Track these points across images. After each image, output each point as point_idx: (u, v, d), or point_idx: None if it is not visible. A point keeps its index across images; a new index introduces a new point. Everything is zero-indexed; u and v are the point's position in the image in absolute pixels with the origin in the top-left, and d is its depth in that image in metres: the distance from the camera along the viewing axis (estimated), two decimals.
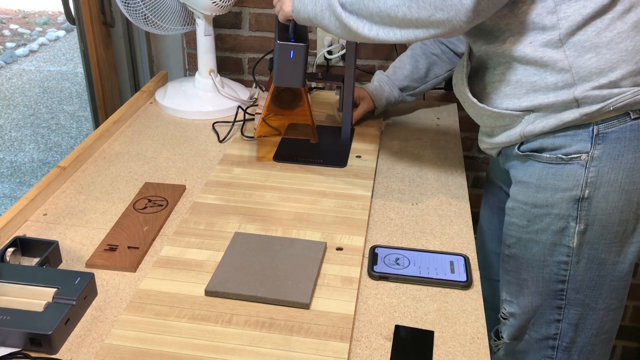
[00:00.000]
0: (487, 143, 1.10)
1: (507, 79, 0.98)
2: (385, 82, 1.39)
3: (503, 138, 1.03)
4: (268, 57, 1.66)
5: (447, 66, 1.37)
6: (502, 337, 1.14)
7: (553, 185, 0.98)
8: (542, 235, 1.02)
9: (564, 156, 0.96)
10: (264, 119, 1.21)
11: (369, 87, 1.38)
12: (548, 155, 0.98)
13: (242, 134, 1.35)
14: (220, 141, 1.34)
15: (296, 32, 1.08)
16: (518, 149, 1.02)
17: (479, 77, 1.04)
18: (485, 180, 1.41)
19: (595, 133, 0.94)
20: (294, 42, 1.06)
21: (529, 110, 0.97)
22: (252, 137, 1.34)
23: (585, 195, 0.96)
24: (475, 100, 1.02)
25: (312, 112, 1.24)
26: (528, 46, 0.93)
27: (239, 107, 1.43)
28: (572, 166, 0.96)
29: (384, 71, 1.42)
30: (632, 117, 0.93)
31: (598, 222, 0.97)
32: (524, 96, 0.97)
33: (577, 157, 0.95)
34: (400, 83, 1.38)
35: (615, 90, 0.91)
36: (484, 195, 1.34)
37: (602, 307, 1.04)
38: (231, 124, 1.39)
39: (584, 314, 1.04)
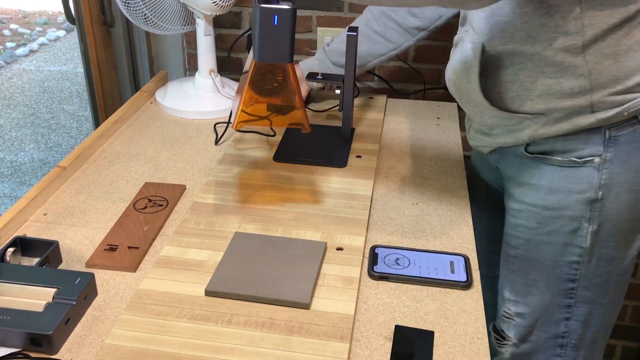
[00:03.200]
0: (482, 141, 1.09)
1: (520, 80, 0.97)
2: (321, 61, 1.36)
3: (507, 139, 1.03)
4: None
5: (390, 45, 1.32)
6: (507, 337, 1.14)
7: (566, 188, 0.98)
8: (553, 236, 1.02)
9: (577, 159, 0.97)
10: (243, 109, 1.02)
11: (304, 64, 1.37)
12: (560, 158, 0.98)
13: (229, 122, 1.33)
14: (216, 143, 1.33)
15: None
16: (525, 150, 1.02)
17: (488, 75, 1.02)
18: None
19: (607, 136, 0.95)
20: (277, 5, 0.89)
21: (540, 114, 0.97)
22: (243, 131, 1.29)
23: (599, 197, 0.97)
24: (487, 101, 1.01)
25: (304, 98, 1.09)
26: (548, 49, 0.92)
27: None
28: (585, 169, 0.96)
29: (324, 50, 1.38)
30: None
31: (610, 222, 0.99)
32: (536, 99, 0.96)
33: (591, 160, 0.96)
34: (337, 60, 1.36)
35: (630, 96, 0.92)
36: (472, 194, 1.32)
37: (607, 302, 1.05)
38: (226, 124, 1.39)
39: (591, 310, 1.05)
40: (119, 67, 1.75)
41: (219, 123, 1.41)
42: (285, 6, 0.88)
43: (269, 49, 0.90)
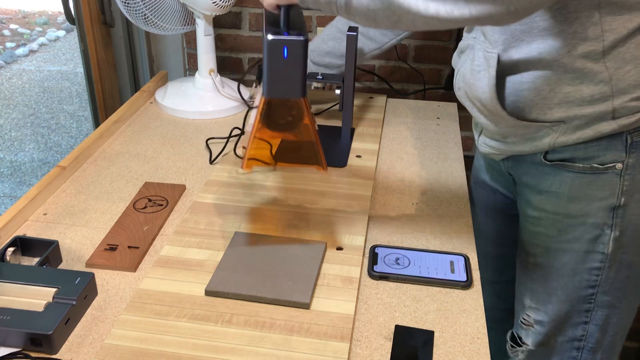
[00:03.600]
0: (495, 149, 1.06)
1: (538, 87, 0.93)
2: None
3: (525, 147, 1.00)
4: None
5: (372, 44, 1.28)
6: (524, 344, 1.12)
7: (588, 195, 0.97)
8: (574, 244, 1.00)
9: (599, 165, 0.95)
10: (252, 150, 0.94)
11: None
12: (581, 165, 0.96)
13: (235, 153, 1.26)
14: (211, 162, 1.25)
15: (290, 23, 0.85)
16: (544, 157, 1.00)
17: (503, 84, 0.98)
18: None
19: (629, 142, 0.93)
20: (287, 36, 0.82)
21: (560, 121, 0.94)
22: (241, 157, 1.18)
23: (621, 203, 0.96)
24: (504, 111, 0.96)
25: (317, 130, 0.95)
26: (566, 56, 0.89)
27: (235, 128, 1.34)
28: (607, 175, 0.95)
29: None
30: None
31: (632, 227, 0.98)
32: (555, 107, 0.93)
33: (613, 166, 0.94)
34: (318, 60, 1.31)
35: None
36: (474, 197, 1.31)
37: (625, 305, 1.04)
38: (225, 139, 1.38)
39: (609, 314, 1.04)
40: (119, 67, 1.75)
41: (212, 139, 1.34)
42: (296, 37, 0.80)
43: (279, 83, 0.83)
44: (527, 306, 1.11)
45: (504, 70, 0.96)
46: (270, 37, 0.80)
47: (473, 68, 1.00)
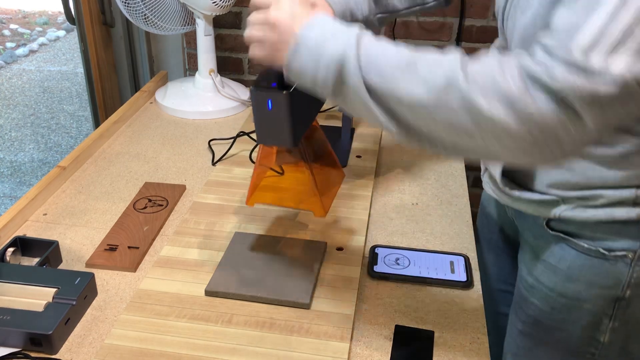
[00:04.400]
0: (498, 194, 0.94)
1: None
2: None
3: (529, 209, 0.88)
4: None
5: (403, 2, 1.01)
6: None
7: (588, 280, 0.84)
8: (568, 325, 0.89)
9: (606, 252, 0.82)
10: (256, 186, 0.95)
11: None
12: (586, 245, 0.83)
13: (251, 159, 1.24)
14: (213, 164, 1.25)
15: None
16: (546, 224, 0.87)
17: None
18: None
19: None
20: (275, 86, 0.76)
21: (574, 197, 0.83)
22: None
23: (626, 296, 0.84)
24: (512, 183, 0.86)
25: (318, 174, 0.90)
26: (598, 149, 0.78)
27: (240, 132, 1.32)
28: (614, 263, 0.82)
29: None
30: None
31: (634, 321, 0.86)
32: (571, 188, 0.82)
33: (622, 255, 0.81)
34: None
35: None
36: (479, 229, 1.18)
37: None
38: (229, 143, 1.39)
39: None
40: (119, 67, 1.75)
41: (214, 140, 1.34)
42: (279, 91, 0.76)
43: (268, 132, 0.80)
44: None
45: None
46: (254, 89, 0.77)
47: None
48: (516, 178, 0.88)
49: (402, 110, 0.65)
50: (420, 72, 0.64)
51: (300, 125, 0.81)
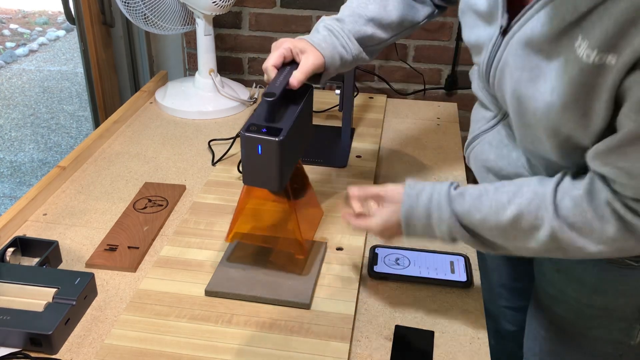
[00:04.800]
0: None
1: None
2: (337, 30, 0.91)
3: None
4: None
5: (426, 9, 0.99)
6: None
7: (615, 290, 0.84)
8: (597, 332, 0.89)
9: (633, 262, 0.81)
10: (236, 229, 0.93)
11: (313, 37, 0.90)
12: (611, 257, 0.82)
13: (238, 169, 1.22)
14: (213, 164, 1.24)
15: (278, 112, 0.80)
16: None
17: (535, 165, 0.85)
18: None
19: None
20: (266, 132, 0.77)
21: None
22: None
23: None
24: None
25: (302, 220, 0.91)
26: None
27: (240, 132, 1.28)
28: (638, 271, 0.82)
29: (334, 16, 0.95)
30: None
31: None
32: None
33: None
34: (359, 30, 0.93)
35: None
36: None
37: None
38: (229, 143, 1.38)
39: None
40: (118, 67, 1.75)
41: (214, 140, 1.34)
42: (270, 137, 0.76)
43: (256, 175, 0.81)
44: None
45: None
46: (245, 133, 0.78)
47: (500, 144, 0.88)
48: None
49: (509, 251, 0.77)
50: (522, 234, 0.73)
51: (287, 168, 0.82)
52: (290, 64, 0.86)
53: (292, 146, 0.82)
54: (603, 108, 0.64)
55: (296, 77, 0.83)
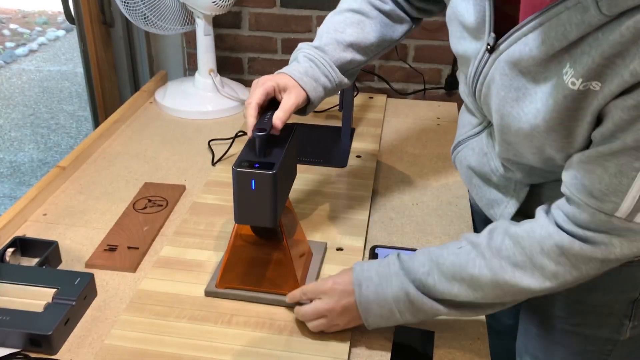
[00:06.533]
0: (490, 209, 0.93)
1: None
2: (318, 60, 0.92)
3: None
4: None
5: (404, 26, 0.99)
6: None
7: (607, 287, 0.86)
8: (587, 329, 0.90)
9: None
10: (226, 271, 0.89)
11: (294, 71, 0.90)
12: None
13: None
14: (214, 164, 1.24)
15: (267, 149, 0.80)
16: None
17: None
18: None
19: None
20: (258, 167, 0.77)
21: None
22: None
23: None
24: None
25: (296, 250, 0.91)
26: None
27: (240, 131, 1.31)
28: (630, 268, 0.82)
29: (312, 43, 0.94)
30: None
31: None
32: None
33: (638, 259, 0.81)
34: (339, 58, 0.93)
35: None
36: (479, 229, 1.12)
37: None
38: (229, 143, 1.38)
39: None
40: (118, 67, 1.75)
41: (214, 140, 1.34)
42: (263, 171, 0.76)
43: (248, 211, 0.79)
44: None
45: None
46: (237, 169, 0.77)
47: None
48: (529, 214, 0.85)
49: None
50: (468, 283, 0.75)
51: (280, 203, 0.81)
52: (272, 105, 0.86)
53: (283, 181, 0.81)
54: (586, 129, 0.66)
55: (279, 117, 0.83)
